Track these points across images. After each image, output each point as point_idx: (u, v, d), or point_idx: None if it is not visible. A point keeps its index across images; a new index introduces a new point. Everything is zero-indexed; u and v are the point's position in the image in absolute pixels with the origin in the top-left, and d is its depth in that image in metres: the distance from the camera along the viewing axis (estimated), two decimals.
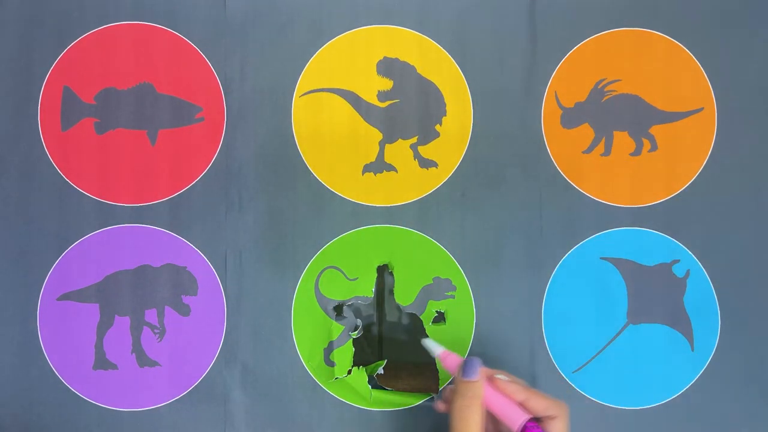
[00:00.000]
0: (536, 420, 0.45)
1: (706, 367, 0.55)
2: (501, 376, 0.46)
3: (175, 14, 0.55)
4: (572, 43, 0.56)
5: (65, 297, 0.54)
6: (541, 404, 0.45)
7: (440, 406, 0.49)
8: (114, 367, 0.54)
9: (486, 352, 0.55)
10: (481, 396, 0.46)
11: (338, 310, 0.55)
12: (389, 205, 0.55)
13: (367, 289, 0.55)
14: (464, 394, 0.46)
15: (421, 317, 0.55)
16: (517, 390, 0.46)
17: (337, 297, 0.55)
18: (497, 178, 0.56)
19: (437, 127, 0.56)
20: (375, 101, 0.56)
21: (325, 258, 0.55)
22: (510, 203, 0.55)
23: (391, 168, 0.56)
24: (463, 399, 0.45)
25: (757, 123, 0.56)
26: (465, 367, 0.46)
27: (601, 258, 0.56)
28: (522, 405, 0.45)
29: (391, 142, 0.56)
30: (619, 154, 0.56)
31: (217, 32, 0.56)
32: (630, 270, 0.56)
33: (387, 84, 0.56)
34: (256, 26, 0.56)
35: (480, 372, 0.46)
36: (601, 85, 0.56)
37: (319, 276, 0.55)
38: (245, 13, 0.56)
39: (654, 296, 0.55)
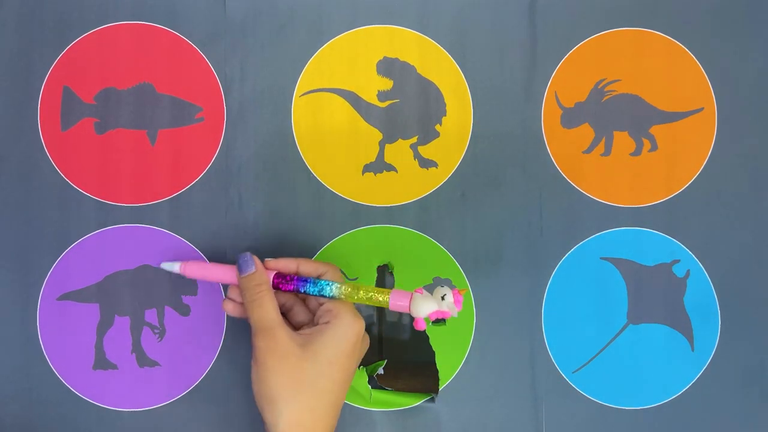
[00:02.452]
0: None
1: (706, 367, 0.55)
2: (269, 259, 0.49)
3: (175, 14, 0.55)
4: (572, 43, 0.56)
5: (65, 297, 0.54)
6: (310, 267, 0.49)
7: (227, 306, 0.50)
8: (114, 367, 0.54)
9: (486, 352, 0.55)
10: (267, 282, 0.48)
11: None
12: (389, 205, 0.55)
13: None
14: (249, 287, 0.48)
15: None
16: (288, 262, 0.49)
17: None
18: (497, 178, 0.56)
19: (437, 127, 0.56)
20: (375, 101, 0.56)
21: (325, 258, 0.55)
22: (510, 203, 0.55)
23: (391, 168, 0.56)
24: (251, 292, 0.47)
25: (757, 123, 0.56)
26: (240, 265, 0.48)
27: (601, 258, 0.56)
28: (297, 274, 0.49)
29: (391, 142, 0.56)
30: (619, 154, 0.56)
31: (217, 32, 0.55)
32: (630, 270, 0.56)
33: (387, 84, 0.56)
34: (256, 26, 0.56)
35: (256, 262, 0.48)
36: (601, 85, 0.56)
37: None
38: (245, 13, 0.56)
39: (654, 296, 0.55)
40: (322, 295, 0.48)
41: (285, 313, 0.50)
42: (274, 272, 0.49)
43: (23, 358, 0.54)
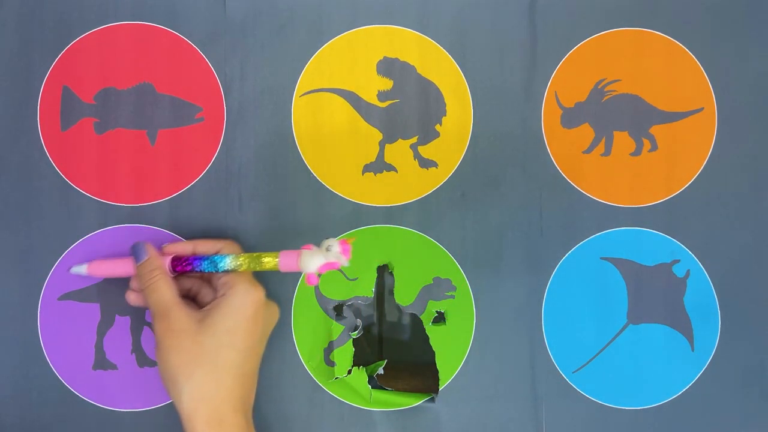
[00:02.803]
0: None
1: (706, 367, 0.55)
2: (166, 244, 0.50)
3: (175, 14, 0.55)
4: (572, 43, 0.56)
5: (66, 297, 0.54)
6: (207, 245, 0.50)
7: (130, 296, 0.51)
8: (114, 367, 0.54)
9: (486, 352, 0.55)
10: (161, 266, 0.48)
11: (338, 310, 0.55)
12: (389, 205, 0.55)
13: (367, 289, 0.55)
14: (144, 273, 0.48)
15: (421, 317, 0.55)
16: (184, 245, 0.50)
17: (337, 297, 0.55)
18: (497, 178, 0.56)
19: (437, 127, 0.56)
20: (375, 101, 0.56)
21: None
22: (510, 203, 0.55)
23: (391, 168, 0.56)
24: (145, 278, 0.48)
25: (757, 123, 0.56)
26: (134, 253, 0.49)
27: (601, 258, 0.56)
28: (195, 254, 0.50)
29: (391, 142, 0.56)
30: (619, 154, 0.56)
31: (217, 32, 0.55)
32: (630, 270, 0.56)
33: (387, 84, 0.56)
34: (256, 26, 0.56)
35: (148, 249, 0.49)
36: (601, 85, 0.56)
37: (319, 276, 0.55)
38: (245, 13, 0.56)
39: (654, 296, 0.55)
40: (217, 270, 0.48)
41: (193, 298, 0.51)
42: (171, 257, 0.49)
43: (23, 358, 0.54)
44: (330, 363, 0.55)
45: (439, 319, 0.55)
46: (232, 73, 0.55)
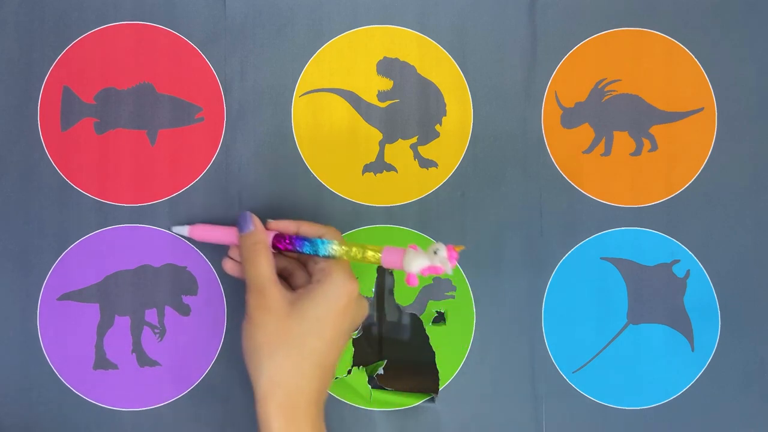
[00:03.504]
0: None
1: (706, 367, 0.55)
2: (270, 220, 0.50)
3: (175, 14, 0.55)
4: (572, 43, 0.56)
5: (65, 297, 0.54)
6: (311, 229, 0.49)
7: (227, 264, 0.51)
8: (114, 366, 0.54)
9: (486, 352, 0.55)
10: (264, 240, 0.48)
11: None
12: (389, 205, 0.55)
13: (367, 289, 0.55)
14: (246, 245, 0.48)
15: (421, 317, 0.55)
16: (288, 224, 0.50)
17: None
18: (497, 178, 0.56)
19: (437, 127, 0.56)
20: (375, 101, 0.56)
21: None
22: (510, 203, 0.55)
23: (391, 168, 0.56)
24: (247, 250, 0.48)
25: (757, 123, 0.56)
26: (239, 223, 0.49)
27: (601, 258, 0.56)
28: (297, 234, 0.49)
29: (391, 142, 0.56)
30: (619, 154, 0.56)
31: (217, 32, 0.55)
32: (630, 270, 0.56)
33: (387, 84, 0.56)
34: (256, 26, 0.56)
35: (254, 221, 0.49)
36: (601, 85, 0.56)
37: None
38: (245, 13, 0.56)
39: (654, 296, 0.55)
40: (317, 254, 0.48)
41: (287, 278, 0.51)
42: (274, 233, 0.49)
43: (23, 357, 0.54)
44: None
45: (439, 319, 0.55)
46: (232, 73, 0.55)
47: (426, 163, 0.56)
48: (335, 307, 0.46)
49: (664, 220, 0.56)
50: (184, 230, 0.52)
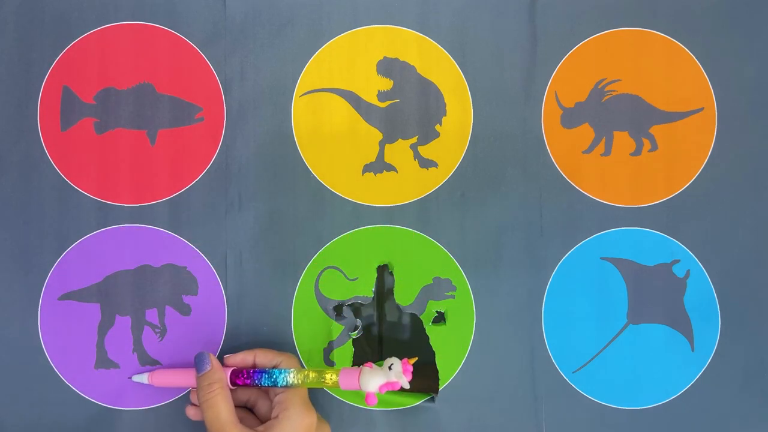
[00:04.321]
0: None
1: (706, 367, 0.55)
2: (227, 355, 0.51)
3: (175, 14, 0.55)
4: (572, 43, 0.56)
5: (66, 297, 0.54)
6: (267, 357, 0.50)
7: (189, 411, 0.51)
8: (115, 366, 0.54)
9: (486, 352, 0.55)
10: (222, 379, 0.48)
11: (338, 310, 0.55)
12: (389, 205, 0.55)
13: (367, 289, 0.55)
14: (203, 386, 0.48)
15: (421, 317, 0.55)
16: (245, 355, 0.50)
17: (337, 297, 0.55)
18: (497, 178, 0.56)
19: (437, 127, 0.56)
20: (375, 101, 0.56)
21: (325, 258, 0.55)
22: (510, 203, 0.55)
23: (391, 168, 0.56)
24: (204, 391, 0.48)
25: (757, 123, 0.56)
26: (197, 364, 0.49)
27: (601, 258, 0.56)
28: (255, 366, 0.50)
29: (391, 142, 0.56)
30: (619, 154, 0.56)
31: (217, 32, 0.55)
32: (630, 270, 0.56)
33: (387, 84, 0.56)
34: (256, 26, 0.56)
35: (211, 360, 0.49)
36: (601, 85, 0.56)
37: (319, 276, 0.55)
38: (245, 13, 0.56)
39: (654, 296, 0.55)
40: (275, 386, 0.48)
41: (251, 408, 0.51)
42: (232, 369, 0.49)
43: (24, 357, 0.54)
44: (330, 363, 0.55)
45: (439, 319, 0.55)
46: (232, 73, 0.55)
47: (426, 163, 0.56)
48: None
49: (664, 220, 0.56)
50: (144, 378, 0.52)
